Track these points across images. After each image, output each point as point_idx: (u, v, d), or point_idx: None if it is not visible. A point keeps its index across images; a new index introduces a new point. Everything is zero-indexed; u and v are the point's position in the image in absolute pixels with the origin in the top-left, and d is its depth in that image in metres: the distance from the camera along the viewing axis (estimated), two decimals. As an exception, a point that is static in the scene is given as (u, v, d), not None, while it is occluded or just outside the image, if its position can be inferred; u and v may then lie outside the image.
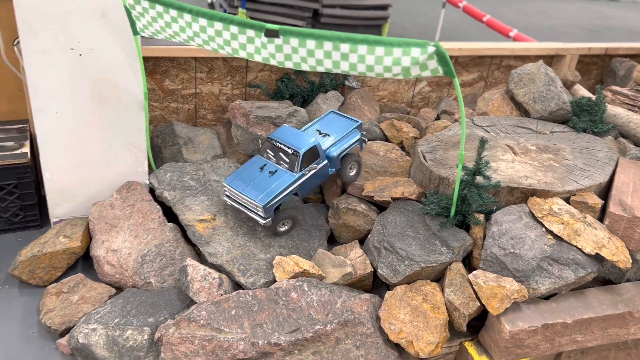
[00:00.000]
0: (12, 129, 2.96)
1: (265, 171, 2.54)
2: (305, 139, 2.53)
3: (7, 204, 2.80)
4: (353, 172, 2.74)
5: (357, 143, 2.71)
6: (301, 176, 2.50)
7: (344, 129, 2.72)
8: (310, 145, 2.49)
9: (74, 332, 2.23)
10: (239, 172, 2.60)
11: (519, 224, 2.34)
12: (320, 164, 2.56)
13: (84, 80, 2.50)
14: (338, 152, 2.63)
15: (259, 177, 2.52)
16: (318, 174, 2.58)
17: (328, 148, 2.63)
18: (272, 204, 2.44)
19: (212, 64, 3.23)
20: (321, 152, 2.55)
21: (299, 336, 2.12)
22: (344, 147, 2.65)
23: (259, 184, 2.49)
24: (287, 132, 2.60)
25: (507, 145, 2.82)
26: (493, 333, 2.20)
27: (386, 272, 2.34)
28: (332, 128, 2.75)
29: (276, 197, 2.44)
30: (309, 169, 2.51)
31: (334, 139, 2.67)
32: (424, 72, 1.91)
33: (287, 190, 2.47)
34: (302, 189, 2.55)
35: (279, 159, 2.56)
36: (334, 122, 2.79)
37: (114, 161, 2.75)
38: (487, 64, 3.89)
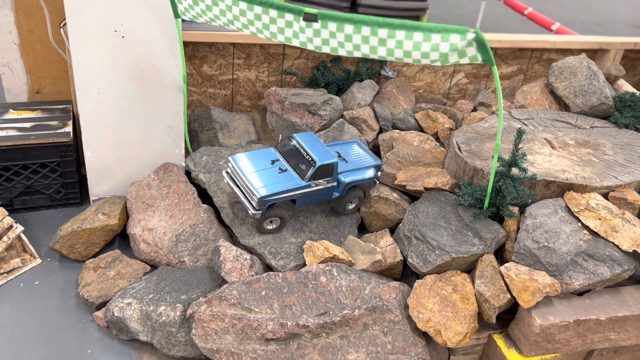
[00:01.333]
0: (56, 109, 3.06)
1: (276, 166, 2.48)
2: (328, 154, 2.47)
3: (50, 181, 2.91)
4: (352, 206, 2.67)
5: (369, 180, 2.64)
6: (307, 186, 2.44)
7: (363, 162, 2.66)
8: (329, 162, 2.43)
9: (110, 305, 2.30)
10: (249, 155, 2.55)
11: (554, 217, 2.30)
12: (329, 184, 2.50)
13: (126, 62, 2.57)
14: (349, 181, 2.55)
15: (267, 169, 2.47)
16: (322, 191, 2.51)
17: (342, 173, 2.56)
18: (269, 199, 2.36)
19: (250, 50, 3.26)
20: (335, 173, 2.49)
21: (327, 319, 2.15)
22: (357, 178, 2.58)
23: (266, 175, 2.42)
24: (312, 140, 2.54)
25: (545, 139, 2.77)
26: (523, 326, 2.17)
27: (416, 261, 2.34)
28: (352, 156, 2.69)
29: (275, 195, 2.37)
30: (317, 183, 2.45)
31: (350, 167, 2.60)
32: (462, 59, 1.89)
33: (289, 194, 2.40)
34: (302, 199, 2.47)
35: (293, 161, 2.50)
36: (356, 151, 2.74)
37: (152, 142, 2.82)
38: (527, 57, 3.81)
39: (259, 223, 2.45)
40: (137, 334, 2.24)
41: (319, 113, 3.04)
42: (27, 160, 2.80)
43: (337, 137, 3.01)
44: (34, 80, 3.18)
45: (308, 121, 3.04)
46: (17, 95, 3.20)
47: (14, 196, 2.88)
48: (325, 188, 2.50)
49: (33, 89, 3.21)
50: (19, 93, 3.20)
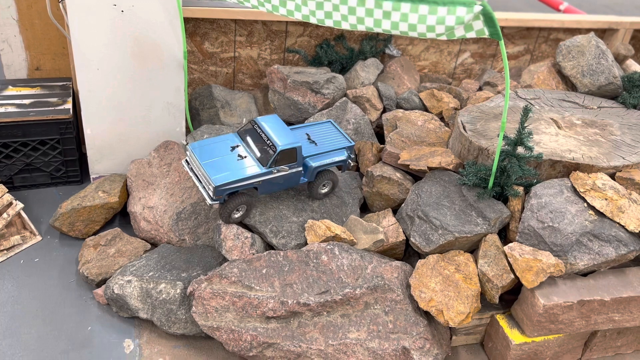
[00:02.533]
0: (56, 86, 3.03)
1: (235, 153, 2.34)
2: (290, 137, 2.32)
3: (50, 158, 2.88)
4: (325, 190, 2.55)
5: (339, 163, 2.50)
6: (268, 172, 2.30)
7: (333, 144, 2.52)
8: (291, 146, 2.28)
9: (110, 282, 2.29)
10: (208, 142, 2.39)
11: (559, 197, 2.26)
12: (293, 169, 2.36)
13: (125, 37, 2.52)
14: (317, 165, 2.42)
15: (225, 156, 2.32)
16: (286, 177, 2.38)
17: (308, 157, 2.43)
18: (225, 188, 2.22)
19: (252, 27, 3.21)
20: (299, 157, 2.35)
21: (328, 298, 2.13)
22: (325, 162, 2.44)
23: (222, 163, 2.28)
24: (275, 123, 2.39)
25: (552, 119, 2.72)
26: (526, 307, 2.15)
27: (419, 240, 2.31)
28: (323, 138, 2.54)
29: (233, 183, 2.23)
30: (279, 169, 2.32)
31: (318, 150, 2.47)
32: (469, 33, 1.84)
33: (248, 181, 2.27)
34: (264, 186, 2.34)
35: (254, 146, 2.37)
36: (328, 133, 2.59)
37: (152, 120, 2.79)
38: (534, 37, 3.74)
39: (226, 213, 2.31)
40: (137, 311, 2.23)
41: (321, 92, 2.99)
42: (26, 137, 2.78)
43: (339, 116, 2.97)
44: (33, 56, 3.14)
45: (310, 100, 3.00)
46: (16, 72, 3.16)
47: (13, 173, 2.86)
48: (291, 173, 2.38)
49: (32, 65, 3.17)
50: (19, 69, 3.16)
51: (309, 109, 3.00)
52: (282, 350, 2.07)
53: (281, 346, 2.06)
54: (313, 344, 2.07)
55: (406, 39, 3.49)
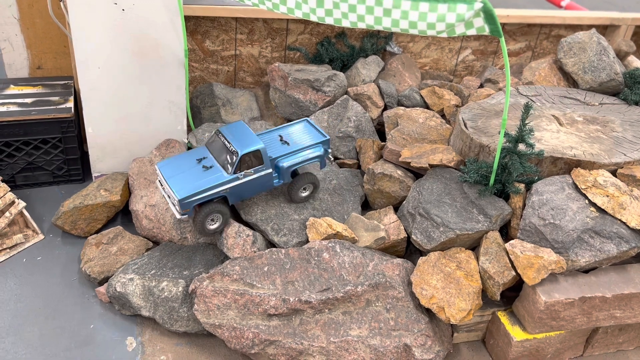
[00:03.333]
0: (58, 85, 3.03)
1: (201, 165, 2.32)
2: (251, 140, 2.27)
3: (52, 157, 2.89)
4: (306, 193, 2.50)
5: (315, 160, 2.43)
6: (234, 179, 2.26)
7: (308, 141, 2.46)
8: (252, 149, 2.24)
9: (112, 281, 2.30)
10: (175, 158, 2.41)
11: (560, 194, 2.26)
12: (261, 172, 2.31)
13: (126, 36, 2.52)
14: (289, 164, 2.37)
15: (191, 169, 2.32)
16: (257, 181, 2.33)
17: (280, 157, 2.38)
18: (190, 201, 2.20)
19: (253, 25, 3.21)
20: (266, 159, 2.30)
21: (329, 295, 2.13)
22: (297, 160, 2.39)
23: (187, 177, 2.27)
24: (238, 129, 2.35)
25: (553, 116, 2.72)
26: (527, 304, 2.15)
27: (420, 238, 2.32)
28: (297, 137, 2.48)
29: (197, 195, 2.21)
30: (244, 174, 2.28)
31: (291, 150, 2.41)
32: (469, 30, 1.84)
33: (213, 190, 2.24)
34: (234, 193, 2.30)
35: (219, 155, 2.34)
36: (303, 132, 2.52)
37: (154, 118, 2.79)
38: (535, 33, 3.73)
39: (199, 225, 2.29)
40: (140, 309, 2.23)
41: (322, 89, 2.99)
42: (28, 136, 2.78)
43: (340, 113, 2.97)
44: (34, 55, 3.15)
45: (312, 97, 3.00)
46: (18, 71, 3.17)
47: (16, 172, 2.87)
48: (261, 177, 2.33)
49: (34, 64, 3.18)
50: (20, 68, 3.17)
51: (310, 107, 3.00)
52: (284, 347, 2.07)
53: (283, 343, 2.07)
54: (315, 341, 2.08)
55: (407, 36, 3.49)
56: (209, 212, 2.28)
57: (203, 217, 2.28)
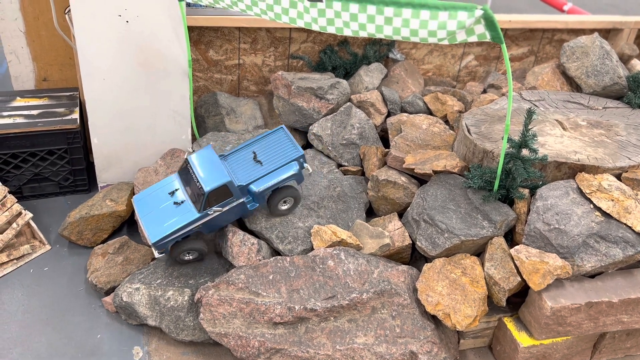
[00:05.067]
0: (63, 96, 3.06)
1: (173, 199, 2.29)
2: (217, 174, 2.20)
3: (58, 168, 2.91)
4: (286, 206, 2.42)
5: (290, 179, 2.34)
6: (204, 216, 2.23)
7: (282, 158, 2.35)
8: (218, 185, 2.18)
9: (119, 290, 2.31)
10: (150, 190, 2.37)
11: (565, 199, 2.26)
12: (232, 204, 2.26)
13: (131, 47, 2.55)
14: (262, 189, 2.29)
15: (163, 205, 2.28)
16: (230, 212, 2.30)
17: (253, 182, 2.31)
18: (163, 242, 2.22)
19: (256, 34, 3.23)
20: (234, 191, 2.23)
21: (335, 303, 2.13)
22: (270, 183, 2.30)
23: (159, 215, 2.26)
24: (205, 159, 2.28)
25: (556, 120, 2.72)
26: (534, 309, 2.14)
27: (425, 244, 2.32)
28: (271, 154, 2.37)
29: (170, 236, 2.21)
30: (213, 210, 2.23)
31: (264, 171, 2.32)
32: (470, 37, 1.85)
33: (186, 229, 2.23)
34: (208, 227, 2.29)
35: (189, 189, 2.30)
36: (277, 144, 2.40)
37: (158, 128, 2.81)
38: (538, 38, 3.74)
39: (173, 258, 2.33)
40: (146, 318, 2.24)
41: (326, 97, 3.01)
42: (35, 148, 2.81)
43: (344, 120, 2.98)
44: (40, 67, 3.18)
45: (315, 105, 3.01)
46: (24, 83, 3.20)
47: (22, 183, 2.89)
48: (233, 207, 2.28)
49: (40, 76, 3.21)
50: (26, 81, 3.20)
51: (314, 115, 3.01)
52: (290, 356, 2.07)
53: (289, 352, 2.07)
54: (321, 349, 2.08)
55: (410, 43, 3.50)
56: (183, 250, 2.30)
57: (177, 254, 2.30)
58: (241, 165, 2.37)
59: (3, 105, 2.92)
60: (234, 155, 2.42)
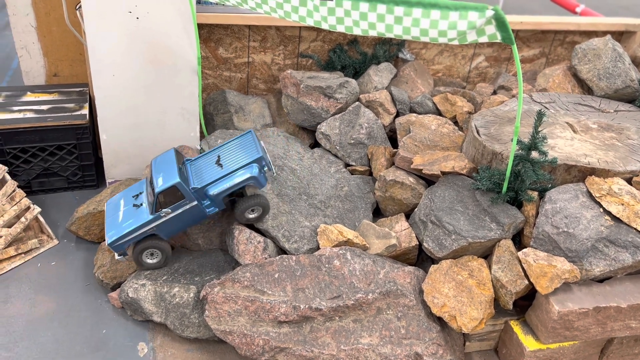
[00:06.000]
0: (73, 92, 3.07)
1: (135, 201, 2.30)
2: (169, 176, 2.18)
3: (67, 163, 2.93)
4: (252, 215, 2.34)
5: (246, 182, 2.24)
6: (156, 218, 2.21)
7: (240, 161, 2.29)
8: (166, 187, 2.15)
9: (125, 286, 2.32)
10: (122, 194, 2.40)
11: (574, 202, 2.24)
12: (184, 207, 2.22)
13: (141, 44, 2.55)
14: (217, 192, 2.23)
15: (125, 208, 2.30)
16: (186, 214, 2.24)
17: (210, 184, 2.25)
18: (118, 244, 2.22)
19: (266, 32, 3.23)
20: (186, 193, 2.19)
21: (340, 303, 2.13)
22: (226, 186, 2.24)
23: (119, 217, 2.28)
24: (164, 161, 2.27)
25: (567, 123, 2.69)
26: (541, 313, 2.13)
27: (432, 246, 2.30)
28: (233, 157, 2.33)
29: (123, 237, 2.21)
30: (165, 212, 2.20)
31: (222, 173, 2.27)
32: (481, 38, 1.83)
33: (139, 232, 2.21)
34: (163, 230, 2.26)
35: (147, 192, 2.31)
36: (241, 149, 2.35)
37: (167, 125, 2.82)
38: (549, 40, 3.71)
39: (137, 262, 2.32)
40: (151, 314, 2.25)
41: (334, 96, 3.00)
42: (44, 142, 2.82)
43: (352, 120, 2.97)
44: (51, 63, 3.20)
45: (323, 104, 3.01)
46: (34, 78, 3.22)
47: (31, 178, 2.91)
48: (188, 210, 2.24)
49: (50, 71, 3.23)
50: (37, 76, 3.22)
51: (322, 114, 3.01)
52: (294, 355, 2.07)
53: (293, 351, 2.07)
54: (325, 349, 2.07)
55: (420, 43, 3.49)
56: (141, 250, 2.28)
57: (137, 255, 2.29)
58: (204, 169, 2.34)
59: (14, 100, 2.94)
60: (201, 159, 2.41)
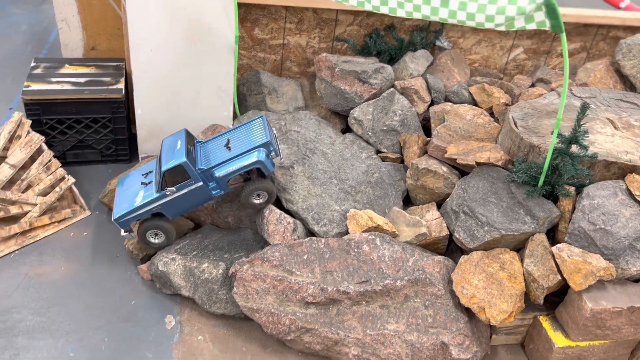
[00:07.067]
0: (110, 66, 3.10)
1: (144, 179, 2.32)
2: (175, 155, 2.18)
3: (101, 136, 2.96)
4: (259, 200, 2.34)
5: (252, 166, 2.22)
6: (162, 196, 2.21)
7: (248, 144, 2.28)
8: (173, 165, 2.15)
9: (155, 259, 2.34)
10: (135, 172, 2.43)
11: (613, 200, 2.18)
12: (190, 187, 2.22)
13: (180, 20, 2.56)
14: (223, 174, 2.22)
15: (134, 186, 2.32)
16: (192, 195, 2.24)
17: (216, 166, 2.24)
18: (124, 220, 2.25)
19: (302, 14, 3.20)
20: (192, 173, 2.19)
21: (367, 288, 2.12)
22: (232, 169, 2.22)
23: (127, 195, 2.31)
24: (173, 142, 2.28)
25: (608, 119, 2.62)
26: (572, 310, 2.09)
27: (463, 236, 2.28)
28: (242, 141, 2.31)
29: (130, 214, 2.23)
30: (170, 191, 2.20)
31: (229, 156, 2.25)
32: (529, 24, 1.79)
33: (145, 209, 2.23)
34: (169, 209, 2.26)
35: (155, 171, 2.33)
36: (251, 132, 2.34)
37: (201, 103, 2.82)
38: (592, 34, 3.60)
39: (142, 240, 2.35)
40: (180, 288, 2.27)
41: (369, 81, 2.97)
42: (80, 115, 2.86)
43: (386, 106, 2.94)
44: (89, 36, 3.23)
45: (358, 89, 2.98)
46: (72, 51, 3.26)
47: (66, 149, 2.95)
48: (194, 190, 2.23)
49: (88, 45, 3.26)
50: (75, 49, 3.25)
51: (356, 99, 2.98)
52: (320, 336, 2.07)
53: (319, 332, 2.07)
54: (351, 332, 2.07)
55: (458, 32, 3.42)
56: (147, 228, 2.30)
57: (142, 233, 2.31)
58: (213, 151, 2.34)
59: (52, 72, 2.98)
60: (212, 142, 2.41)
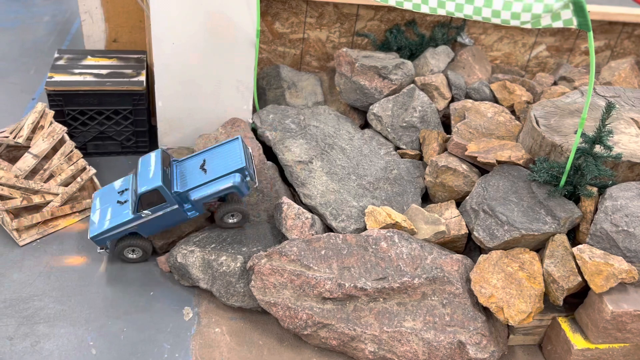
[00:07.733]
0: (132, 58, 3.12)
1: (120, 198, 2.35)
2: (153, 178, 2.22)
3: (122, 128, 2.99)
4: (232, 220, 2.40)
5: (228, 191, 2.26)
6: (137, 218, 2.26)
7: (225, 168, 2.31)
8: (148, 189, 2.19)
9: (174, 251, 2.36)
10: (109, 187, 2.45)
11: (637, 201, 2.15)
12: (165, 209, 2.26)
13: (202, 13, 2.56)
14: (199, 198, 2.27)
15: (110, 203, 2.35)
16: (168, 216, 2.28)
17: (192, 189, 2.29)
18: (100, 239, 2.29)
19: (323, 9, 3.19)
20: (167, 196, 2.23)
21: (385, 285, 2.12)
22: (207, 193, 2.26)
23: (102, 213, 2.34)
24: (148, 162, 2.31)
25: (632, 119, 2.58)
26: (592, 312, 2.06)
27: (482, 235, 2.26)
28: (218, 163, 2.35)
29: (106, 233, 2.28)
30: (145, 213, 2.25)
31: (205, 179, 2.30)
32: (556, 22, 1.76)
33: (121, 229, 2.28)
34: (144, 229, 2.31)
35: (131, 189, 2.34)
36: (227, 154, 2.37)
37: (222, 96, 2.83)
38: (616, 32, 3.54)
39: (117, 255, 2.40)
40: (198, 280, 2.29)
41: (389, 77, 2.95)
42: (101, 106, 2.89)
43: (406, 102, 2.92)
44: (111, 28, 3.25)
45: (377, 85, 2.97)
46: (95, 43, 3.29)
47: (87, 140, 2.99)
48: (169, 212, 2.27)
49: (110, 37, 3.28)
50: (97, 41, 3.28)
51: (375, 94, 2.97)
52: (337, 332, 2.08)
53: (336, 328, 2.07)
54: (368, 328, 2.07)
55: (479, 28, 3.39)
56: (123, 247, 2.35)
57: (120, 250, 2.36)
58: (189, 173, 2.36)
59: (75, 63, 3.01)
60: (188, 162, 2.44)
